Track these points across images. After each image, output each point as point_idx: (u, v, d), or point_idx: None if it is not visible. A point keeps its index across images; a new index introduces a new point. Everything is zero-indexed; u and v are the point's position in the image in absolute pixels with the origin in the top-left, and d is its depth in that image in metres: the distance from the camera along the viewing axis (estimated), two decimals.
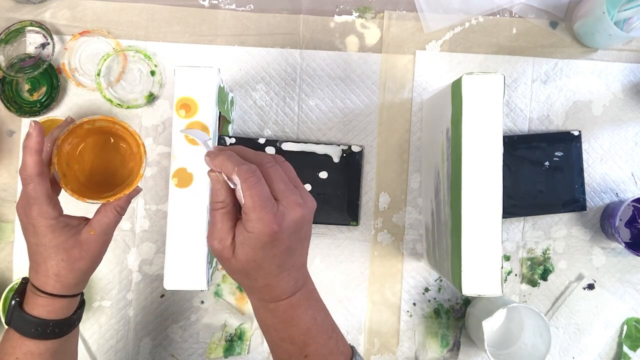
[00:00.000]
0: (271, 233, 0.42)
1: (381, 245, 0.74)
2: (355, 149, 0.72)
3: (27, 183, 0.48)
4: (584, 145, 0.74)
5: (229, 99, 0.68)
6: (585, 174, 0.73)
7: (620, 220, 0.72)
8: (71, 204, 0.54)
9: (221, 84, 0.58)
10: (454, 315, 0.74)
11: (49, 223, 0.49)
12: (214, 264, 0.62)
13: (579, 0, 0.74)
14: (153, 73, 0.73)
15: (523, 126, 0.74)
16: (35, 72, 0.70)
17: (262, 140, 0.71)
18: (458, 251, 0.55)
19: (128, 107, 0.72)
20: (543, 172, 0.72)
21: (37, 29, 0.71)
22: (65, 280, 0.51)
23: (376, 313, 0.73)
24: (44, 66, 0.70)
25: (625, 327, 0.74)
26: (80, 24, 0.72)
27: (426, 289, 0.74)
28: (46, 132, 0.50)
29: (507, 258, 0.74)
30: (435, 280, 0.74)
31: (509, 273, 0.74)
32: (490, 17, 0.75)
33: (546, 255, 0.74)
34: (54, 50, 0.71)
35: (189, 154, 0.52)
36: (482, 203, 0.54)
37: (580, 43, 0.75)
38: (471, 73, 0.54)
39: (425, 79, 0.74)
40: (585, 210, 0.73)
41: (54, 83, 0.71)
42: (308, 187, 0.71)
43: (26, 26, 0.71)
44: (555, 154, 0.73)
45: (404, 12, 0.74)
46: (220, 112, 0.58)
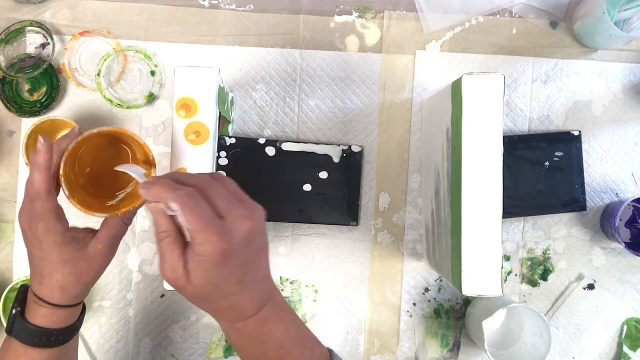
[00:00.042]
0: (221, 252, 0.40)
1: (381, 245, 0.74)
2: (355, 149, 0.72)
3: (35, 200, 0.47)
4: (584, 145, 0.74)
5: (229, 99, 0.68)
6: (585, 174, 0.73)
7: (620, 220, 0.72)
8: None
9: (221, 84, 0.58)
10: (454, 315, 0.74)
11: (56, 239, 0.48)
12: None
13: (579, 0, 0.74)
14: (153, 73, 0.73)
15: (523, 126, 0.74)
16: (35, 72, 0.70)
17: (262, 140, 0.71)
18: (458, 251, 0.55)
19: (128, 107, 0.72)
20: (543, 172, 0.72)
21: (37, 29, 0.71)
22: (72, 292, 0.50)
23: (376, 313, 0.73)
24: (44, 66, 0.70)
25: (625, 327, 0.74)
26: (80, 24, 0.72)
27: (426, 289, 0.74)
28: (46, 133, 0.49)
29: (507, 258, 0.74)
30: (435, 280, 0.74)
31: (509, 273, 0.74)
32: (490, 17, 0.75)
33: (546, 255, 0.74)
34: (54, 50, 0.71)
35: (189, 154, 0.52)
36: (482, 203, 0.54)
37: (580, 43, 0.75)
38: (471, 73, 0.54)
39: (425, 79, 0.74)
40: (585, 210, 0.73)
41: (54, 83, 0.71)
42: (308, 187, 0.71)
43: (26, 26, 0.71)
44: (555, 154, 0.72)
45: (404, 12, 0.74)
46: (220, 112, 0.58)
